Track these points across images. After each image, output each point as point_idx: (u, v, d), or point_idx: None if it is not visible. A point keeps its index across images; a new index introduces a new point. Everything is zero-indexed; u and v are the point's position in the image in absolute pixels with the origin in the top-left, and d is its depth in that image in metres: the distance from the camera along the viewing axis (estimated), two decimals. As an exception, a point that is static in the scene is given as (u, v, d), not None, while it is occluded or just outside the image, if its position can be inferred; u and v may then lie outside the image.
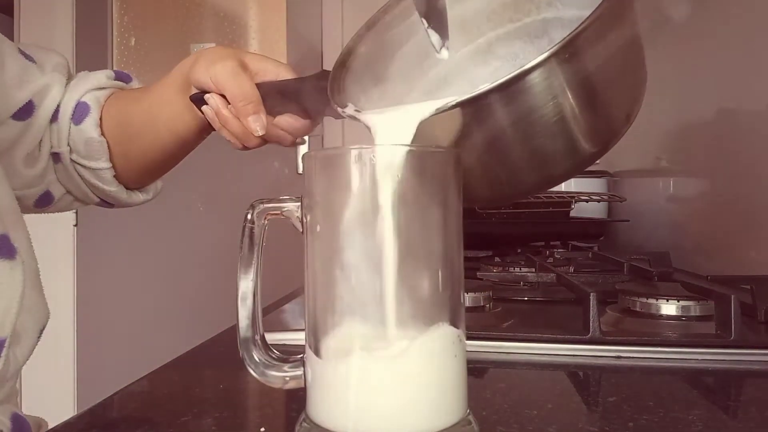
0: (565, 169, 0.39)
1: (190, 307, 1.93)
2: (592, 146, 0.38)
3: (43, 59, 0.58)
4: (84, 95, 0.58)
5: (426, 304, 0.28)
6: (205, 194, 1.97)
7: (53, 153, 0.59)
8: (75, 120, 0.58)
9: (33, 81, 0.56)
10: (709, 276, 0.61)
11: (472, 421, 0.30)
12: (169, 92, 0.56)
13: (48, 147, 0.59)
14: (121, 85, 0.62)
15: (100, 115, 0.59)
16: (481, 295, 0.58)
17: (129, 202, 0.64)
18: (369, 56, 0.44)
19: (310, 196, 0.29)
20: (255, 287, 0.32)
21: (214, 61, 0.51)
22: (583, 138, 0.37)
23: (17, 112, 0.55)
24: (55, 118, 0.58)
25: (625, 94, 0.39)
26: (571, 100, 0.34)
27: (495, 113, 0.33)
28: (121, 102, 0.60)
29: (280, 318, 0.60)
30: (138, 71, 2.06)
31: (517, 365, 0.45)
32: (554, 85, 0.33)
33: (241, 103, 0.49)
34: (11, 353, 0.43)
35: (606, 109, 0.38)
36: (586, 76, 0.34)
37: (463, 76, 0.46)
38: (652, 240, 1.21)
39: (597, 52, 0.34)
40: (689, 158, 1.09)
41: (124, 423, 0.35)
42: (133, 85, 0.64)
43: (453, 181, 0.29)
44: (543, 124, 0.34)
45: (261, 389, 0.33)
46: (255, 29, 2.05)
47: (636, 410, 0.35)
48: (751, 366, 0.45)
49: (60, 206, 0.64)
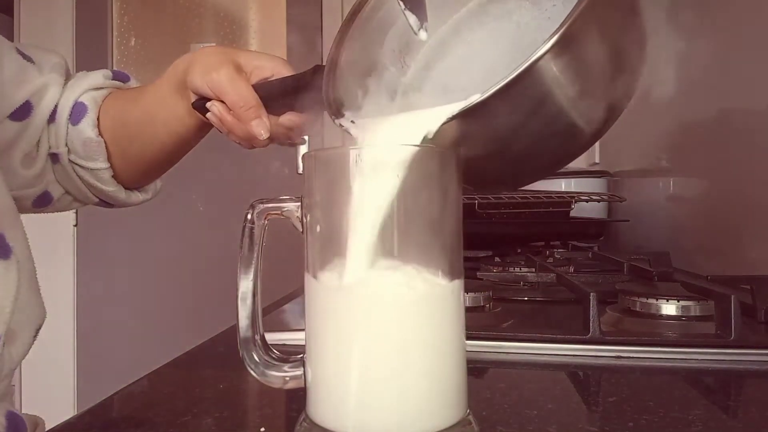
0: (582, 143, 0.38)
1: (190, 307, 1.93)
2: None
3: (41, 59, 0.58)
4: (81, 95, 0.58)
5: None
6: (205, 194, 1.97)
7: (51, 153, 0.59)
8: (72, 120, 0.58)
9: (31, 81, 0.56)
10: (709, 276, 0.61)
11: (472, 421, 0.30)
12: (164, 92, 0.56)
13: (46, 147, 0.59)
14: (119, 84, 0.62)
15: (97, 115, 0.59)
16: (481, 295, 0.58)
17: (128, 202, 0.64)
18: (357, 52, 0.44)
19: (310, 196, 0.29)
20: (255, 287, 0.32)
21: (209, 68, 0.51)
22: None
23: (14, 113, 0.55)
24: (53, 118, 0.58)
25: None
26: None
27: (504, 109, 0.32)
28: (119, 102, 0.60)
29: (280, 318, 0.60)
30: (138, 71, 2.06)
31: (517, 365, 0.45)
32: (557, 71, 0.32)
33: (242, 109, 0.49)
34: (6, 352, 0.43)
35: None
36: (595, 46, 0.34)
37: (461, 40, 0.46)
38: (652, 240, 1.21)
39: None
40: (689, 158, 1.09)
41: (124, 423, 0.35)
42: (131, 84, 0.64)
43: (453, 180, 0.29)
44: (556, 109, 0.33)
45: (261, 389, 0.33)
46: (255, 29, 2.05)
47: (636, 410, 0.35)
48: (751, 366, 0.45)
49: (59, 206, 0.64)
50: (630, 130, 1.39)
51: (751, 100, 0.86)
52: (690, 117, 1.07)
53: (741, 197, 0.89)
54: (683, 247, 1.03)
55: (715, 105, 0.97)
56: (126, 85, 0.63)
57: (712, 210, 0.98)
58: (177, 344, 0.54)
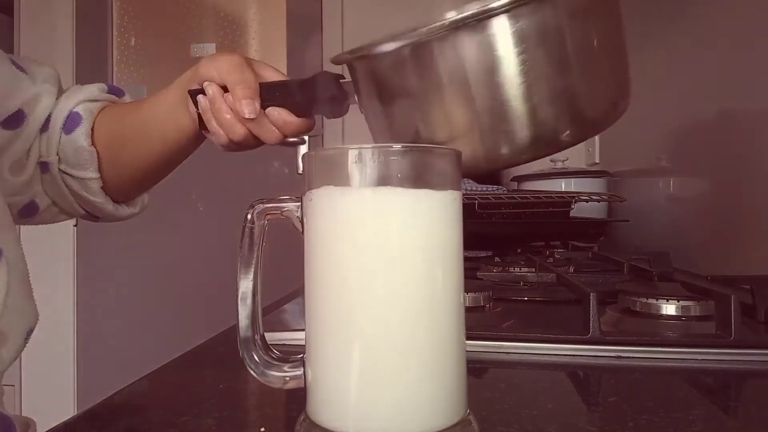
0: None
1: (190, 307, 1.93)
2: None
3: (34, 71, 0.59)
4: (77, 106, 0.59)
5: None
6: (205, 194, 1.97)
7: (41, 162, 0.60)
8: (66, 129, 0.59)
9: (24, 90, 0.57)
10: (709, 276, 0.61)
11: (472, 421, 0.30)
12: (171, 100, 0.57)
13: (36, 156, 0.59)
14: (114, 98, 0.63)
15: (92, 125, 0.59)
16: (481, 295, 0.58)
17: (116, 215, 0.64)
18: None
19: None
20: (255, 287, 0.32)
21: (219, 55, 0.52)
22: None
23: (6, 120, 0.56)
24: (45, 127, 0.59)
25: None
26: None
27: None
28: (116, 113, 0.61)
29: (280, 318, 0.60)
30: (138, 71, 2.06)
31: (517, 365, 0.45)
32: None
33: (238, 88, 0.50)
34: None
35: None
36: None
37: None
38: (652, 240, 1.21)
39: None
40: (689, 158, 1.09)
41: (124, 423, 0.35)
42: (125, 99, 0.65)
43: (453, 178, 0.29)
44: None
45: (261, 389, 0.33)
46: (255, 29, 2.05)
47: (636, 410, 0.35)
48: (751, 366, 0.45)
49: (45, 217, 0.64)
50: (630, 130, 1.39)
51: (751, 100, 0.86)
52: (690, 117, 1.07)
53: (741, 197, 0.89)
54: (683, 247, 1.03)
55: (715, 105, 0.97)
56: (120, 100, 0.64)
57: (712, 210, 0.98)
58: (177, 344, 0.54)
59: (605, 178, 1.43)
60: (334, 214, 0.28)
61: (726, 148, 0.94)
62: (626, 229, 1.32)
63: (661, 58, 1.20)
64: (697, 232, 1.04)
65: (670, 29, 1.16)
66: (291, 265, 0.49)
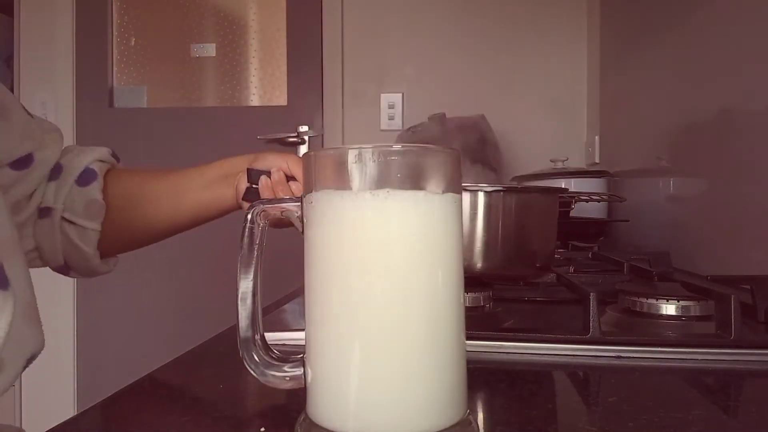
0: None
1: (190, 307, 1.93)
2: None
3: (40, 120, 0.62)
4: (92, 163, 0.64)
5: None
6: (205, 194, 1.97)
7: (43, 208, 0.61)
8: (80, 182, 0.63)
9: (34, 136, 0.59)
10: (709, 276, 0.61)
11: (472, 421, 0.30)
12: (204, 177, 0.67)
13: (38, 201, 0.61)
14: (114, 162, 0.68)
15: (103, 182, 0.65)
16: (481, 295, 0.58)
17: (93, 269, 0.67)
18: None
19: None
20: (255, 287, 0.32)
21: (289, 153, 0.61)
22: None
23: (16, 162, 0.57)
24: (55, 176, 0.62)
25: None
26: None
27: None
28: (133, 178, 0.68)
29: (280, 318, 0.60)
30: (138, 71, 2.06)
31: (517, 365, 0.45)
32: None
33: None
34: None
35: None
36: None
37: None
38: (652, 240, 1.21)
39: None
40: (689, 158, 1.09)
41: (124, 423, 0.35)
42: (119, 165, 0.70)
43: (453, 179, 0.29)
44: None
45: (261, 389, 0.33)
46: (255, 29, 2.05)
47: (636, 410, 0.35)
48: (751, 366, 0.45)
49: None
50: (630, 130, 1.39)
51: (751, 100, 0.86)
52: (690, 117, 1.07)
53: (741, 197, 0.89)
54: (683, 247, 1.03)
55: (715, 105, 0.97)
56: (117, 165, 0.69)
57: (712, 210, 0.98)
58: (177, 344, 0.54)
59: (605, 178, 1.43)
60: (334, 216, 0.28)
61: (726, 148, 0.94)
62: (626, 229, 1.32)
63: (662, 59, 1.20)
64: (697, 232, 1.04)
65: (670, 29, 1.16)
66: (291, 265, 0.49)
